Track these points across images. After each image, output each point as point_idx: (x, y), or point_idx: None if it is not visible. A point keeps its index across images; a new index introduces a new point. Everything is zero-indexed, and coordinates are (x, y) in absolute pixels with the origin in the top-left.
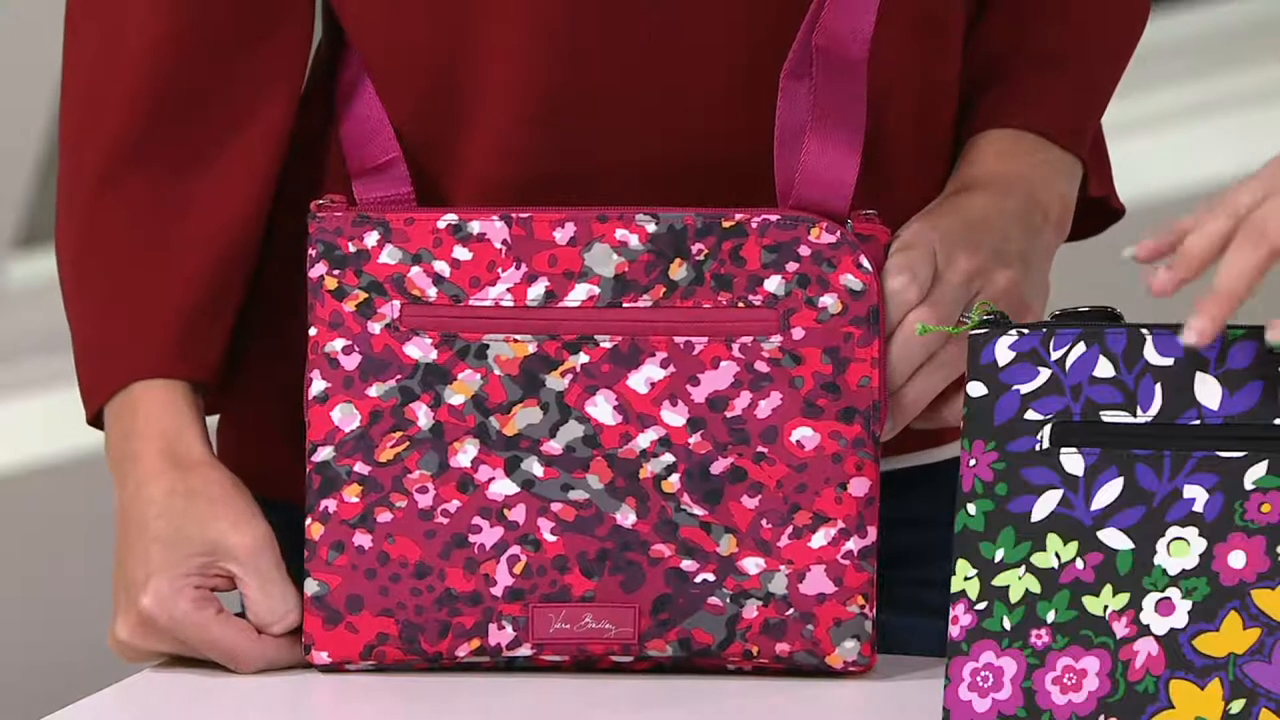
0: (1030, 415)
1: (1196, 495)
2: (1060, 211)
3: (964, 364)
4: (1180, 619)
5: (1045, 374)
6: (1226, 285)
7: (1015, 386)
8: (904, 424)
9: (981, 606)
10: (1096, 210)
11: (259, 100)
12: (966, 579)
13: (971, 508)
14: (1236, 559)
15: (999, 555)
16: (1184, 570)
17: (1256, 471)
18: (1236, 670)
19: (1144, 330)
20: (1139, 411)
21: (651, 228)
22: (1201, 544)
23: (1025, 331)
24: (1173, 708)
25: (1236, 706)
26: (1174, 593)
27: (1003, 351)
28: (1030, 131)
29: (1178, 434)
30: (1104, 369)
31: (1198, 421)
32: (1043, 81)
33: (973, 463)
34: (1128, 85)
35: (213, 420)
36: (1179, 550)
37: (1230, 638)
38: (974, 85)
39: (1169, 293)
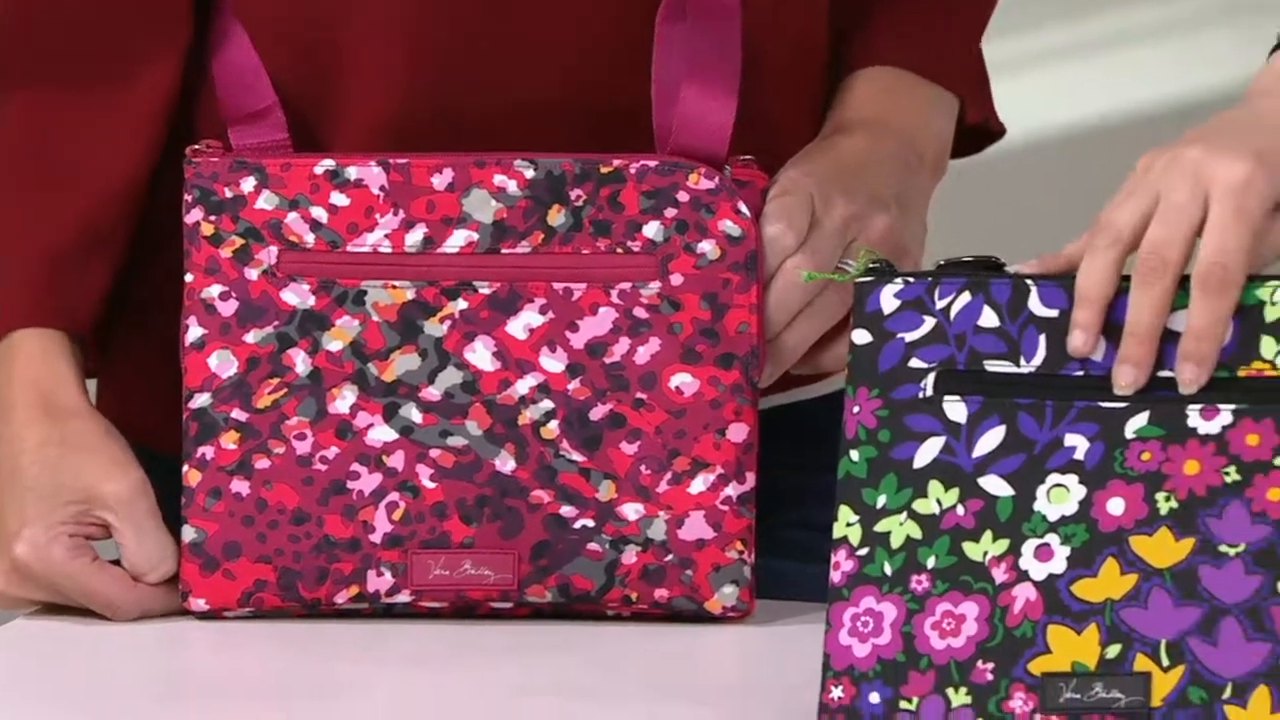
0: (914, 363)
1: (1077, 444)
2: (936, 152)
3: (842, 311)
4: (1059, 565)
5: (930, 323)
6: (1143, 327)
7: (900, 334)
8: (782, 370)
9: (863, 552)
10: (975, 132)
11: (142, 44)
12: (848, 525)
13: (854, 454)
14: (1115, 506)
15: (881, 501)
16: (1063, 517)
17: (1138, 421)
18: (1113, 615)
19: (1029, 281)
20: (1022, 362)
21: (530, 174)
22: (1081, 491)
23: (911, 280)
24: (1050, 652)
25: (1113, 651)
26: (1053, 539)
27: (888, 299)
28: (902, 69)
29: (1060, 384)
30: (988, 319)
31: (1081, 373)
32: (911, 18)
33: (856, 409)
34: (1007, 24)
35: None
36: (1059, 497)
37: (1108, 583)
38: (845, 26)
39: (1091, 350)
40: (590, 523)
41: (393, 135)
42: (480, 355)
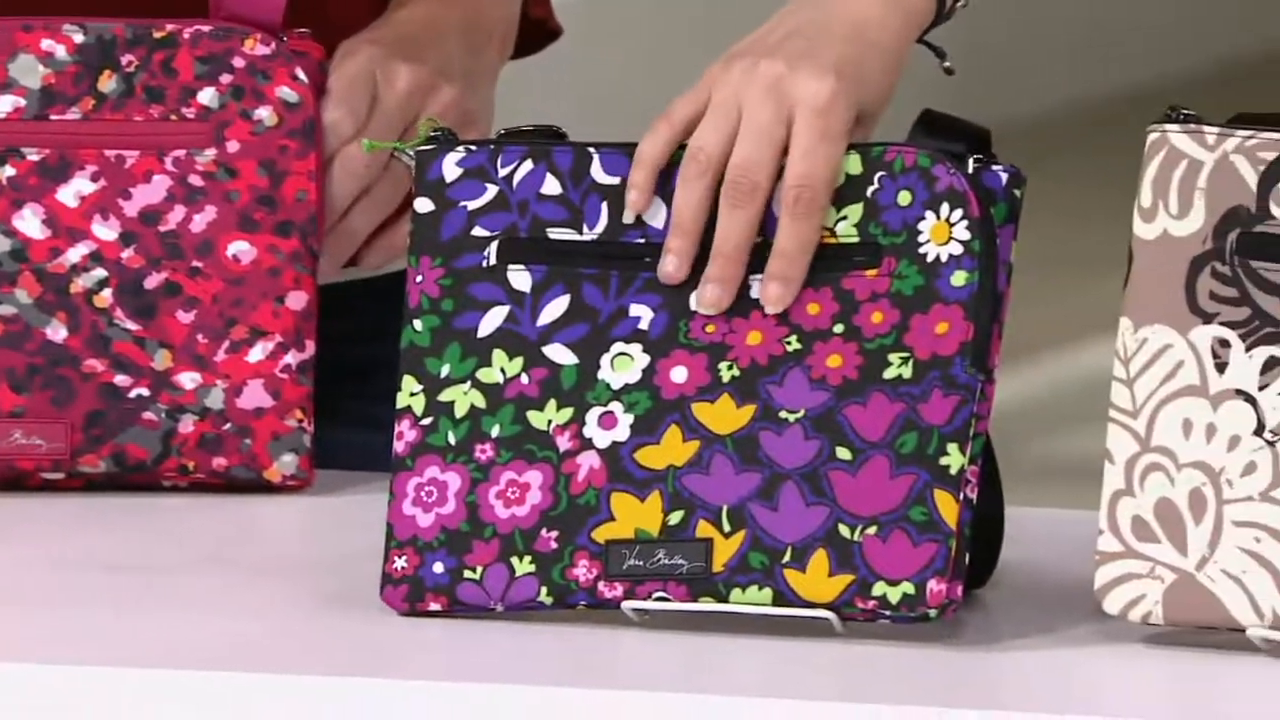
0: (477, 232)
1: (642, 314)
2: (504, 32)
3: (399, 198)
4: (622, 432)
5: (492, 190)
6: (732, 248)
7: (462, 203)
8: (346, 256)
9: (427, 422)
10: (536, 31)
11: None
12: (412, 395)
13: (418, 324)
14: (678, 374)
15: (445, 371)
16: (627, 385)
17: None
18: (675, 482)
19: (591, 149)
20: (585, 230)
21: (79, 38)
22: (645, 360)
23: (473, 148)
24: (614, 519)
25: (675, 518)
26: (616, 407)
27: (450, 168)
28: None
29: (623, 253)
30: (551, 186)
31: (642, 241)
32: None
33: (419, 279)
34: None
35: None
36: (622, 365)
37: (670, 450)
38: None
39: (684, 277)
40: (145, 392)
41: None
42: (29, 223)
